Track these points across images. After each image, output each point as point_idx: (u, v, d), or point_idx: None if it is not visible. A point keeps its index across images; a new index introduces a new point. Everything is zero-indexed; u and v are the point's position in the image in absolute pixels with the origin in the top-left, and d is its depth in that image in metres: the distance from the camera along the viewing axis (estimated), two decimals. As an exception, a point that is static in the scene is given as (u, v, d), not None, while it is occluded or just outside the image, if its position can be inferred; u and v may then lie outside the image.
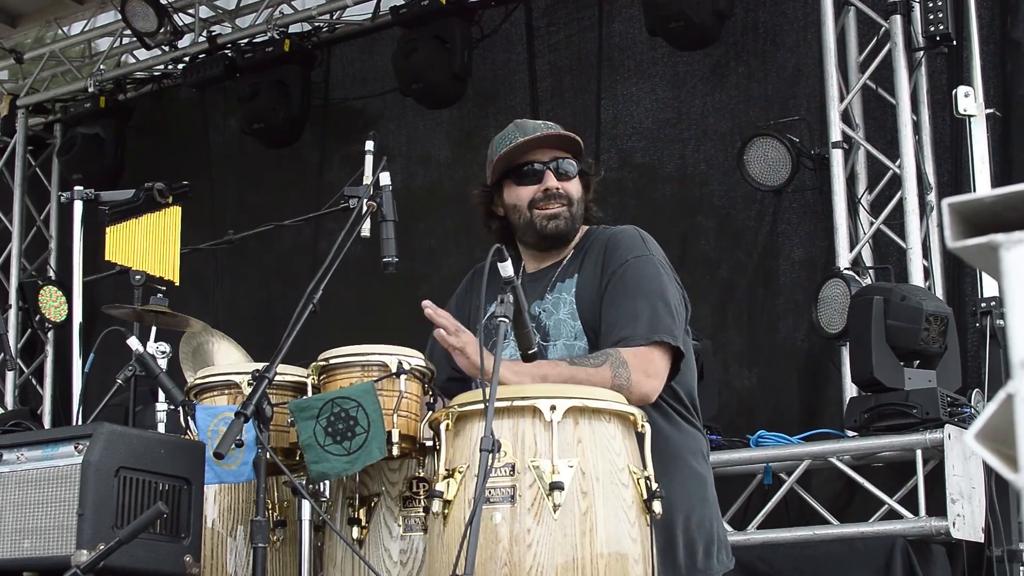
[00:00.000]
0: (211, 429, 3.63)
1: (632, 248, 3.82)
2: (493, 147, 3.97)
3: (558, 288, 3.87)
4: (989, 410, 1.37)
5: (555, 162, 3.91)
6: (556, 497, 3.07)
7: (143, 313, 5.10)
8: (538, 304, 3.87)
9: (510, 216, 3.96)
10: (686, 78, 8.24)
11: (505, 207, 3.97)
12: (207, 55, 9.66)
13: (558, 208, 3.88)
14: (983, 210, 1.39)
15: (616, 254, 3.81)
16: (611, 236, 3.90)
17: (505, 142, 3.91)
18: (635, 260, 3.79)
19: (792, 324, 7.53)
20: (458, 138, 9.25)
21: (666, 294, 3.75)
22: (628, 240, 3.86)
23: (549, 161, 3.90)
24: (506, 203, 3.96)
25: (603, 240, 3.90)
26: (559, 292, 3.86)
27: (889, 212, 7.11)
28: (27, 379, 10.42)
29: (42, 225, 10.68)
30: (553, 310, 3.84)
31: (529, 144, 3.88)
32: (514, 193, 3.92)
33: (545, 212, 3.88)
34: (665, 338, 3.65)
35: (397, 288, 7.72)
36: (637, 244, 3.84)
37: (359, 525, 3.62)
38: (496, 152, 3.93)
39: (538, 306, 3.87)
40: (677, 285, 3.86)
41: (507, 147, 3.88)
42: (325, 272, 3.57)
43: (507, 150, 3.87)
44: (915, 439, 6.09)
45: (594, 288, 3.80)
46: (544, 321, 3.84)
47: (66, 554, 3.37)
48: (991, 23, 7.24)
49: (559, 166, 3.91)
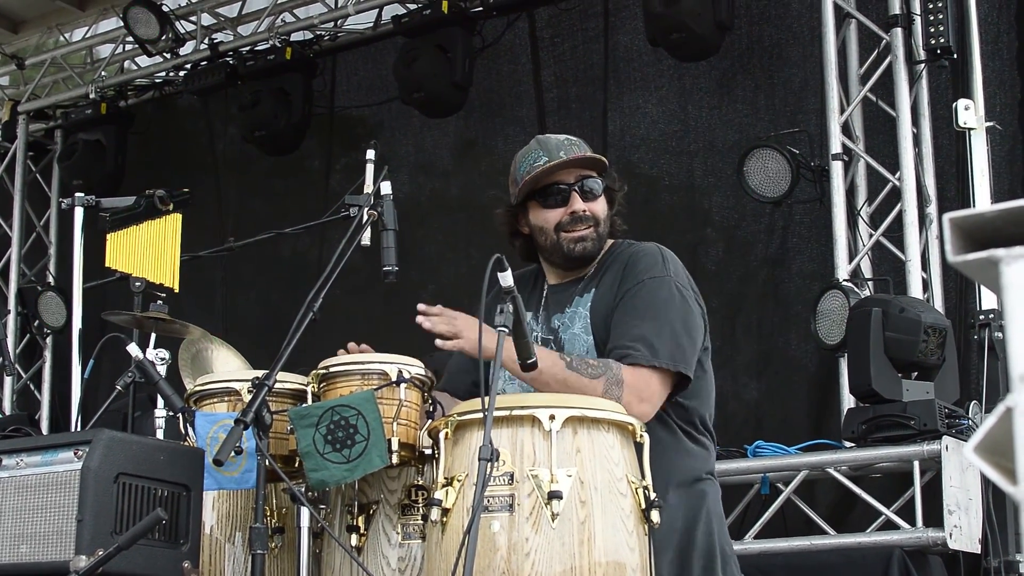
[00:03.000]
0: (210, 436, 3.64)
1: (650, 268, 3.80)
2: (516, 165, 3.94)
3: (576, 302, 3.86)
4: (988, 423, 1.37)
5: (580, 182, 3.88)
6: (554, 506, 3.08)
7: (143, 320, 5.11)
8: (558, 317, 3.87)
9: (536, 236, 3.94)
10: (693, 91, 8.24)
11: (531, 227, 3.94)
12: (209, 62, 9.67)
13: (585, 231, 3.86)
14: (984, 225, 1.40)
15: (634, 272, 3.79)
16: (632, 254, 3.87)
17: (529, 161, 3.88)
18: (651, 281, 3.76)
19: (800, 336, 7.51)
20: (462, 147, 9.26)
21: (677, 318, 3.72)
22: (648, 259, 3.83)
23: (574, 182, 3.87)
24: (532, 224, 3.93)
25: (624, 257, 3.87)
26: (576, 306, 3.85)
27: (888, 224, 7.12)
28: (25, 384, 10.42)
29: (42, 231, 10.68)
30: (569, 324, 3.84)
31: (554, 167, 3.84)
32: (540, 215, 3.90)
33: (572, 235, 3.86)
34: (666, 364, 3.63)
35: (397, 297, 7.73)
36: (656, 264, 3.82)
37: (358, 532, 3.63)
38: (520, 172, 3.90)
39: (558, 319, 3.87)
40: (696, 306, 3.83)
41: (532, 170, 3.84)
42: (325, 280, 3.58)
43: (533, 175, 3.84)
44: (913, 450, 6.09)
45: (608, 304, 3.78)
46: (561, 335, 3.83)
47: (65, 559, 3.38)
48: (996, 38, 7.25)
49: (584, 186, 3.88)
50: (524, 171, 3.88)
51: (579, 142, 3.96)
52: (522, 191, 3.89)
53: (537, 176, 3.84)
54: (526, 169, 3.87)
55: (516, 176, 3.92)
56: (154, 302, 5.17)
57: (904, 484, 6.24)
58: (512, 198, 3.96)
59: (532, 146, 3.93)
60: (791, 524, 6.70)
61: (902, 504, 6.24)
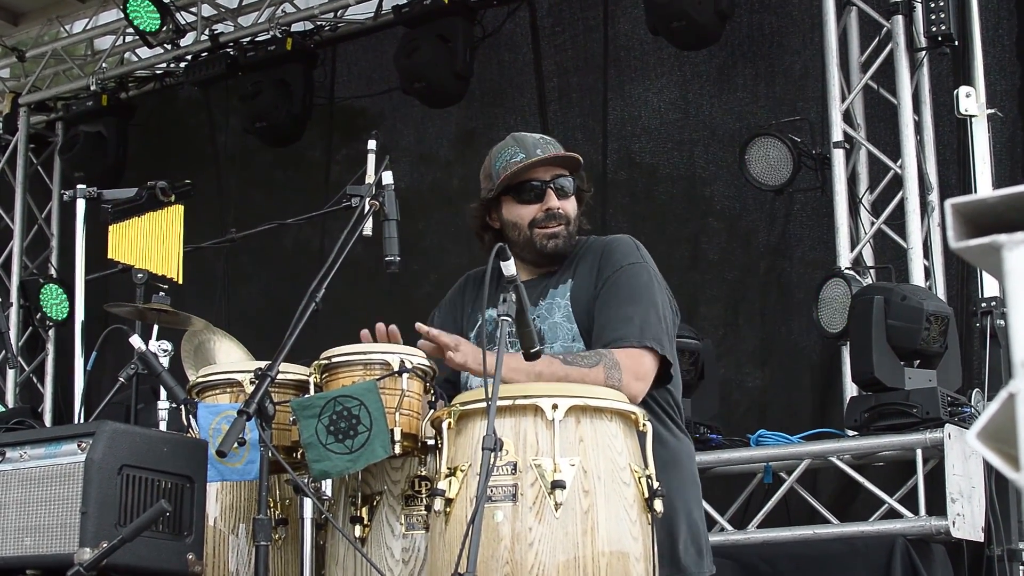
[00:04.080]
0: (212, 427, 3.64)
1: (627, 255, 3.90)
2: (491, 161, 4.01)
3: (551, 294, 3.93)
4: (991, 409, 1.37)
5: (555, 180, 3.96)
6: (558, 496, 3.08)
7: (145, 311, 5.11)
8: (532, 311, 3.89)
9: (507, 231, 3.99)
10: (693, 79, 8.24)
11: (502, 222, 4.01)
12: (209, 53, 9.66)
13: (557, 228, 3.93)
14: (986, 211, 1.40)
15: (612, 259, 3.89)
16: (607, 244, 3.97)
17: (505, 157, 3.96)
18: (630, 267, 3.86)
19: (803, 324, 7.52)
20: (462, 137, 9.25)
21: (658, 303, 3.83)
22: (624, 247, 3.94)
23: (550, 180, 3.95)
24: (504, 219, 4.00)
25: (598, 247, 3.96)
26: (552, 298, 3.92)
27: (890, 212, 7.12)
28: (28, 377, 10.42)
29: (43, 223, 10.68)
30: (547, 315, 3.89)
31: (532, 164, 3.92)
32: (514, 211, 3.97)
33: (545, 231, 3.93)
34: (654, 345, 3.72)
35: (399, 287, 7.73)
36: (632, 252, 3.92)
37: (361, 523, 3.62)
38: (496, 168, 3.97)
39: (532, 312, 3.89)
40: (667, 295, 3.94)
41: (510, 166, 3.92)
42: (328, 271, 3.59)
43: (510, 171, 3.91)
44: (915, 439, 6.09)
45: (589, 291, 3.86)
46: (539, 325, 3.87)
47: (69, 552, 3.38)
48: (996, 25, 7.24)
49: (558, 184, 3.96)
50: (501, 166, 3.95)
51: (553, 141, 4.06)
52: (498, 186, 3.95)
53: (515, 172, 3.92)
54: (503, 165, 3.95)
55: (492, 171, 4.00)
56: (156, 294, 5.17)
57: (907, 472, 6.24)
58: (485, 192, 4.03)
59: (508, 142, 4.01)
60: (794, 513, 6.71)
61: (905, 493, 6.24)
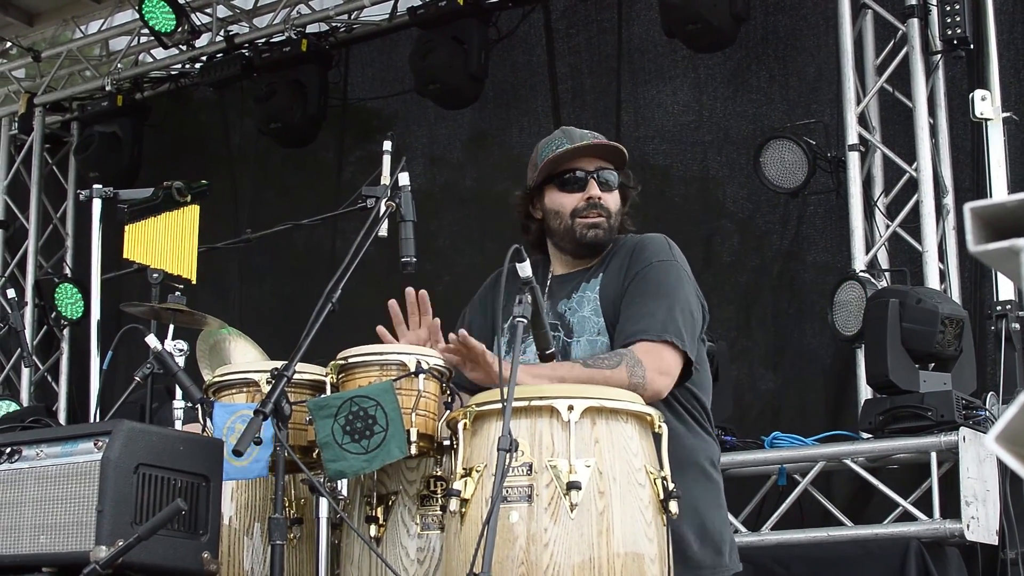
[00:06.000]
0: (227, 427, 3.65)
1: (658, 252, 3.90)
2: (538, 151, 4.02)
3: (583, 288, 3.93)
4: (1010, 412, 1.38)
5: (598, 171, 3.96)
6: (573, 496, 3.08)
7: (161, 311, 5.12)
8: (564, 303, 3.94)
9: (548, 220, 4.00)
10: (707, 81, 8.25)
11: (544, 211, 4.02)
12: (224, 55, 9.68)
13: (598, 218, 3.93)
14: (1005, 214, 1.40)
15: (642, 256, 3.88)
16: (639, 241, 3.97)
17: (552, 147, 3.97)
18: (659, 264, 3.86)
19: (817, 326, 7.52)
20: (476, 139, 9.26)
21: (684, 300, 3.82)
22: (655, 245, 3.93)
23: (593, 171, 3.96)
24: (547, 207, 4.00)
25: (631, 245, 3.96)
26: (583, 291, 3.92)
27: (905, 215, 7.11)
28: (43, 376, 10.45)
29: (58, 223, 10.71)
30: (578, 308, 3.90)
31: (576, 152, 3.93)
32: (556, 199, 3.97)
33: (586, 221, 3.93)
34: (674, 339, 3.70)
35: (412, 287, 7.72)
36: (663, 250, 3.92)
37: (377, 523, 3.62)
38: (542, 156, 3.98)
39: (564, 305, 3.93)
40: (697, 295, 3.92)
41: (555, 152, 3.93)
42: (344, 271, 3.59)
43: (555, 155, 3.92)
44: (930, 441, 6.09)
45: (617, 287, 3.86)
46: (569, 318, 3.90)
47: (85, 550, 3.39)
48: (1012, 28, 7.23)
49: (601, 176, 3.96)
50: (546, 154, 3.96)
51: (601, 137, 4.05)
52: (541, 173, 3.96)
53: (558, 158, 3.93)
54: (548, 152, 3.96)
55: (537, 160, 4.01)
56: (172, 293, 5.19)
57: (921, 475, 6.24)
58: (530, 180, 4.03)
59: (556, 134, 4.02)
60: (808, 515, 6.71)
61: (919, 495, 6.23)
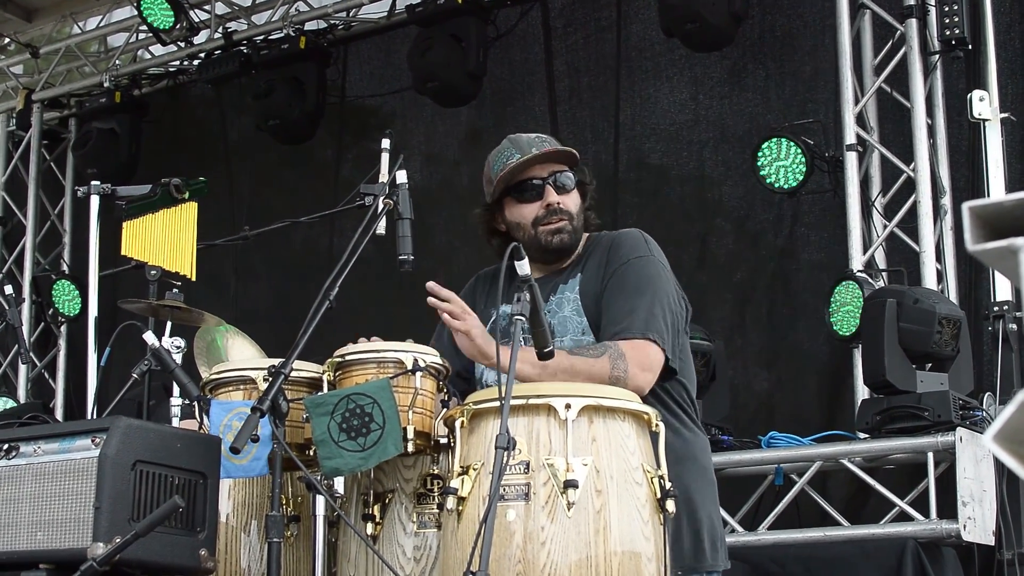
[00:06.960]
0: (224, 424, 3.64)
1: (635, 248, 3.92)
2: (490, 165, 4.04)
3: (560, 290, 3.95)
4: (1008, 411, 1.38)
5: (553, 176, 3.98)
6: (570, 495, 3.08)
7: (158, 308, 5.11)
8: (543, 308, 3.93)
9: (513, 233, 4.02)
10: (704, 80, 8.25)
11: (507, 224, 4.05)
12: (223, 51, 9.69)
13: (560, 223, 3.95)
14: (1003, 214, 1.40)
15: (619, 253, 3.91)
16: (615, 238, 4.00)
17: (502, 160, 3.98)
18: (637, 260, 3.89)
19: (811, 326, 7.53)
20: (474, 137, 9.25)
21: (664, 296, 3.85)
22: (631, 241, 3.96)
23: (548, 176, 3.97)
24: (508, 220, 4.04)
25: (607, 242, 3.99)
26: (561, 292, 3.94)
27: (903, 215, 7.12)
28: (40, 373, 10.44)
29: (56, 219, 10.71)
30: (557, 309, 3.92)
31: (527, 162, 3.94)
32: (516, 211, 4.00)
33: (549, 227, 3.95)
34: (655, 338, 3.73)
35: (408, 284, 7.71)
36: (640, 245, 3.95)
37: (373, 521, 3.63)
38: (494, 171, 4.00)
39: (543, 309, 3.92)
40: (676, 288, 3.95)
41: (506, 167, 3.95)
42: (342, 269, 3.59)
43: (508, 169, 3.94)
44: (927, 442, 6.09)
45: (596, 285, 3.89)
46: (550, 320, 3.88)
47: (82, 547, 3.39)
48: (1010, 28, 7.23)
49: (557, 180, 3.98)
50: (498, 169, 3.98)
51: (549, 139, 4.07)
52: (497, 188, 3.99)
53: (511, 171, 3.95)
54: (500, 167, 3.97)
55: (491, 175, 4.02)
56: (169, 290, 5.18)
57: (918, 475, 6.24)
58: (488, 197, 4.06)
59: (504, 145, 4.04)
60: (805, 515, 6.71)
61: (916, 496, 6.24)
